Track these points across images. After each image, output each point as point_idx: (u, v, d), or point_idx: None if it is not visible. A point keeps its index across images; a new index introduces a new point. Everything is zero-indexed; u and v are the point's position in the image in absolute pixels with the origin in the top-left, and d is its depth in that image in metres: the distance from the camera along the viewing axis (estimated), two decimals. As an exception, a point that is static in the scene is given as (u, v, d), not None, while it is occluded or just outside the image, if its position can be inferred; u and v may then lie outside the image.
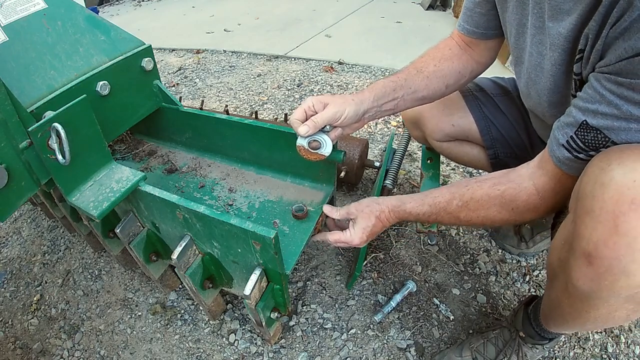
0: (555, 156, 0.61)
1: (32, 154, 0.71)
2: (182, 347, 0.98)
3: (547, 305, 0.72)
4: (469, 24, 0.82)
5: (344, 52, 2.55)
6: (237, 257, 0.77)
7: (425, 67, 0.83)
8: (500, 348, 0.83)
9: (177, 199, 0.72)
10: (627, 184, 0.46)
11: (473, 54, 0.85)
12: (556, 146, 0.61)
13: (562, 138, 0.59)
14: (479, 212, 0.71)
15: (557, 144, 0.60)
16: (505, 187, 0.68)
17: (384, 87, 0.79)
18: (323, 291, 1.07)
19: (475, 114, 0.95)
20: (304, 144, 0.76)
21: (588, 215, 0.50)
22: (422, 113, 1.01)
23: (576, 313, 0.60)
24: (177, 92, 2.33)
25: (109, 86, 0.90)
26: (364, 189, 1.40)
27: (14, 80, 0.74)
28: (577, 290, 0.54)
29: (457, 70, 0.85)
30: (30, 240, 1.33)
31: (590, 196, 0.50)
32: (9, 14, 0.78)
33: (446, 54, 0.85)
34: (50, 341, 1.03)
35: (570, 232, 0.54)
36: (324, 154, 0.77)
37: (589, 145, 0.55)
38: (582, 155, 0.57)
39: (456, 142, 1.01)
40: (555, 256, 0.61)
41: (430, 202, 0.76)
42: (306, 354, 0.94)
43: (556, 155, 0.61)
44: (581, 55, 0.55)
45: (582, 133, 0.56)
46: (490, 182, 0.70)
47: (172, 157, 1.17)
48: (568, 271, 0.54)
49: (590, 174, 0.51)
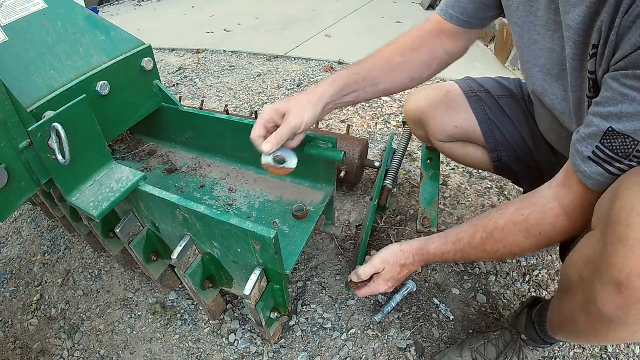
0: (580, 171, 0.57)
1: (32, 154, 0.71)
2: (182, 347, 0.98)
3: (558, 317, 0.69)
4: (455, 10, 0.77)
5: (344, 52, 2.55)
6: (237, 257, 0.77)
7: (392, 58, 0.80)
8: (501, 350, 0.83)
9: (177, 199, 0.72)
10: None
11: (446, 43, 0.82)
12: (581, 160, 0.57)
13: (587, 150, 0.55)
14: (506, 241, 0.67)
15: (582, 158, 0.56)
16: (530, 211, 0.65)
17: (346, 79, 0.77)
18: (323, 291, 1.07)
19: (479, 116, 0.93)
20: (269, 162, 0.76)
21: (622, 243, 0.48)
22: (425, 113, 0.99)
23: (594, 333, 0.58)
24: (177, 92, 2.33)
25: (109, 86, 0.90)
26: (364, 189, 1.40)
27: (14, 80, 0.74)
28: (601, 314, 0.52)
29: (424, 61, 0.82)
30: (30, 240, 1.33)
31: (625, 224, 0.47)
32: (9, 14, 0.78)
33: (416, 43, 0.82)
34: (50, 341, 1.03)
35: (597, 254, 0.52)
36: (292, 167, 0.77)
37: (618, 153, 0.52)
38: (613, 169, 0.53)
39: (459, 143, 1.00)
40: (575, 272, 0.58)
41: (454, 240, 0.74)
42: (306, 354, 0.94)
43: (582, 170, 0.57)
44: (595, 51, 0.52)
45: (609, 141, 0.52)
46: (512, 208, 0.67)
47: (172, 157, 1.17)
48: (592, 293, 0.52)
49: (626, 199, 0.48)
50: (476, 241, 0.71)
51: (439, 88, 0.98)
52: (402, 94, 2.02)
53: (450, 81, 0.99)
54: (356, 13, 3.52)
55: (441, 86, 0.98)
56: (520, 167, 0.94)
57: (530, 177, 0.95)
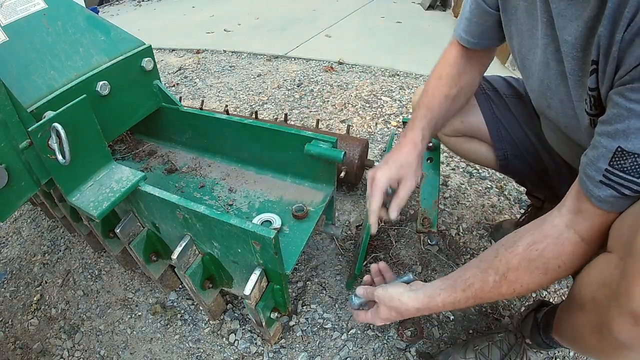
0: (594, 196, 0.55)
1: (32, 154, 0.71)
2: (182, 347, 0.98)
3: (567, 330, 0.67)
4: (470, 35, 0.79)
5: (344, 52, 2.55)
6: (237, 257, 0.77)
7: (449, 91, 0.83)
8: (505, 352, 0.83)
9: (177, 199, 0.72)
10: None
11: (475, 63, 0.85)
12: (592, 185, 0.55)
13: (597, 175, 0.53)
14: (522, 281, 0.63)
15: (593, 182, 0.54)
16: (544, 244, 0.61)
17: (429, 128, 0.81)
18: (323, 291, 1.07)
19: (486, 113, 0.94)
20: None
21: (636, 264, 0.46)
22: None
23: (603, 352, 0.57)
24: (177, 92, 2.33)
25: (109, 86, 0.90)
26: (363, 189, 1.40)
27: (14, 80, 0.74)
28: (615, 340, 0.50)
29: (473, 77, 0.86)
30: (30, 240, 1.33)
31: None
32: (9, 14, 0.78)
33: (459, 67, 0.84)
34: (50, 341, 1.03)
35: (614, 280, 0.50)
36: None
37: (630, 173, 0.50)
38: (627, 191, 0.51)
39: (465, 138, 1.00)
40: (588, 292, 0.56)
41: (463, 287, 0.69)
42: (306, 354, 0.94)
43: (595, 195, 0.54)
44: (595, 67, 0.51)
45: (619, 162, 0.50)
46: (523, 243, 0.63)
47: (172, 157, 1.17)
48: (607, 319, 0.51)
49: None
50: (489, 286, 0.66)
51: None
52: (402, 93, 2.02)
53: None
54: (356, 13, 3.52)
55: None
56: (525, 166, 0.94)
57: (535, 177, 0.95)
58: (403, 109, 1.88)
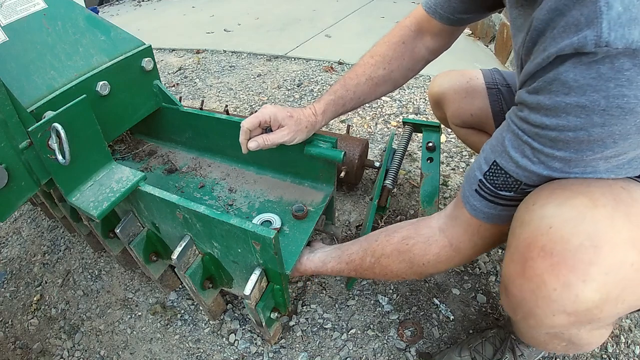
0: (469, 204, 0.56)
1: (32, 154, 0.71)
2: (182, 347, 0.98)
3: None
4: (445, 10, 0.74)
5: (344, 52, 2.55)
6: (237, 257, 0.77)
7: (375, 72, 0.81)
8: (497, 347, 0.83)
9: (177, 199, 0.72)
10: (542, 229, 0.45)
11: (429, 41, 0.81)
12: (469, 192, 0.56)
13: (473, 183, 0.54)
14: (391, 268, 0.68)
15: (470, 190, 0.55)
16: (414, 241, 0.65)
17: (335, 106, 0.81)
18: (323, 291, 1.07)
19: (495, 108, 0.93)
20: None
21: (508, 250, 0.50)
22: (446, 96, 1.01)
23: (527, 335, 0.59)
24: (177, 92, 2.33)
25: (109, 86, 0.90)
26: (364, 189, 1.40)
27: (14, 80, 0.74)
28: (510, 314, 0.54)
29: (407, 67, 0.83)
30: (30, 240, 1.33)
31: (511, 232, 0.50)
32: (9, 14, 0.78)
33: (397, 51, 0.81)
34: (50, 341, 1.03)
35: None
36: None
37: (501, 188, 0.51)
38: (501, 201, 0.52)
39: (475, 130, 1.01)
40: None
41: (347, 260, 0.77)
42: (306, 354, 0.94)
43: (470, 202, 0.56)
44: None
45: (492, 177, 0.52)
46: (399, 235, 0.68)
47: (172, 157, 1.17)
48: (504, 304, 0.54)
49: (519, 210, 0.50)
50: (366, 264, 0.73)
51: (463, 74, 0.99)
52: (402, 93, 2.02)
53: (476, 69, 0.99)
54: (356, 13, 3.52)
55: (466, 72, 0.99)
56: None
57: None
58: (403, 109, 1.88)
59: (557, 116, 0.42)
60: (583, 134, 0.41)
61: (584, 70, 0.38)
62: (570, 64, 0.39)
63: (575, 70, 0.39)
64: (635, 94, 0.37)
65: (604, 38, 0.36)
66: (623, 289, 0.43)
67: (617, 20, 0.35)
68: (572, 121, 0.41)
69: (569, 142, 0.43)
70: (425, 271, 0.66)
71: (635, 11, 0.35)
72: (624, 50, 0.35)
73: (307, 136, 0.81)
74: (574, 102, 0.40)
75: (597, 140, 0.41)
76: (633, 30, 0.35)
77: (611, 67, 0.37)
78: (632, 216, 0.43)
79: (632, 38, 0.35)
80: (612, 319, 0.51)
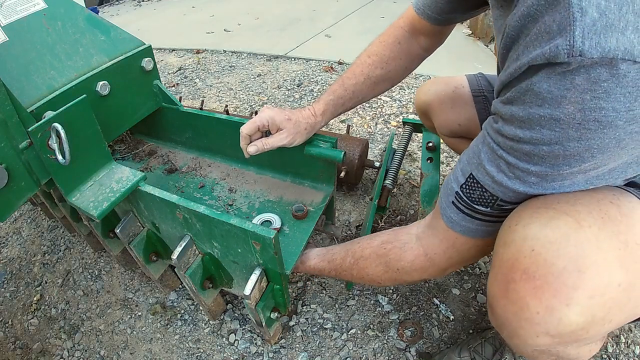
0: (446, 215, 0.55)
1: (32, 154, 0.71)
2: (182, 347, 0.98)
3: None
4: (432, 10, 0.74)
5: (344, 52, 2.55)
6: (237, 257, 0.77)
7: (373, 72, 0.81)
8: (497, 347, 0.83)
9: (177, 199, 0.72)
10: (525, 251, 0.43)
11: (423, 41, 0.81)
12: (446, 204, 0.54)
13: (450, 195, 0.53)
14: (368, 271, 0.69)
15: (447, 202, 0.54)
16: (392, 246, 0.65)
17: (334, 106, 0.81)
18: (323, 291, 1.07)
19: (482, 117, 0.92)
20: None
21: (492, 269, 0.49)
22: (432, 107, 0.99)
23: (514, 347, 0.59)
24: (177, 92, 2.33)
25: (109, 86, 0.90)
26: (364, 189, 1.40)
27: (14, 80, 0.74)
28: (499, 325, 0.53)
29: (404, 66, 0.83)
30: (30, 240, 1.33)
31: (495, 251, 0.49)
32: (9, 14, 0.78)
33: (394, 50, 0.81)
34: (50, 341, 1.03)
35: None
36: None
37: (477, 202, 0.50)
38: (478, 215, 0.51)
39: (462, 139, 1.00)
40: None
41: (329, 259, 0.78)
42: (306, 354, 0.94)
43: (447, 214, 0.55)
44: None
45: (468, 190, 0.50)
46: (379, 239, 0.69)
47: (172, 157, 1.17)
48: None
49: (502, 228, 0.49)
50: (346, 265, 0.73)
51: (448, 83, 0.98)
52: (402, 93, 2.02)
53: (462, 75, 0.98)
54: (356, 13, 3.52)
55: (451, 81, 0.98)
56: None
57: None
58: (403, 109, 1.88)
59: (531, 129, 0.40)
60: (558, 148, 0.39)
61: (558, 80, 0.36)
62: (544, 73, 0.37)
63: (549, 80, 0.37)
64: (614, 106, 0.34)
65: (577, 47, 0.33)
66: (609, 309, 0.42)
67: (591, 27, 0.33)
68: (547, 134, 0.39)
69: (544, 156, 0.41)
70: (399, 277, 0.66)
71: (612, 17, 0.32)
72: (600, 60, 0.33)
73: (307, 138, 0.81)
74: (547, 114, 0.38)
75: (574, 155, 0.39)
76: (609, 38, 0.32)
77: (587, 78, 0.34)
78: (620, 234, 0.42)
79: (608, 47, 0.32)
80: (601, 335, 0.51)
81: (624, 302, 0.42)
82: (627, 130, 0.36)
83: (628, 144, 0.38)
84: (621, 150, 0.38)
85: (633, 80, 0.33)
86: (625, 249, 0.41)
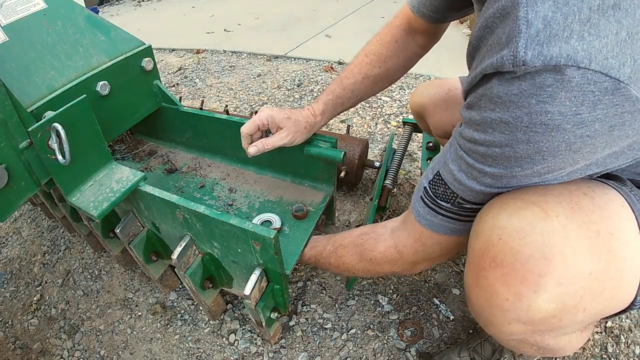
0: (415, 209, 0.58)
1: (32, 154, 0.71)
2: (182, 347, 0.98)
3: None
4: (427, 8, 0.75)
5: (344, 52, 2.55)
6: (237, 257, 0.77)
7: (371, 71, 0.82)
8: (496, 347, 0.84)
9: (177, 199, 0.72)
10: (493, 240, 0.45)
11: (420, 39, 0.81)
12: (416, 198, 0.57)
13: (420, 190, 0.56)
14: (344, 259, 0.71)
15: (417, 196, 0.57)
16: (368, 237, 0.68)
17: (333, 105, 0.82)
18: (323, 291, 1.07)
19: None
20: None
21: (467, 260, 0.51)
22: (426, 109, 1.00)
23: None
24: (177, 92, 2.33)
25: (109, 86, 0.90)
26: (364, 189, 1.40)
27: (14, 80, 0.74)
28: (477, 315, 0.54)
29: (402, 65, 0.84)
30: (30, 240, 1.33)
31: (469, 243, 0.51)
32: (9, 14, 0.78)
33: (392, 49, 0.81)
34: (50, 341, 1.03)
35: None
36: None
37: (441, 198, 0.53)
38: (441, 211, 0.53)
39: None
40: None
41: (312, 245, 0.81)
42: (306, 354, 0.94)
43: (416, 208, 0.58)
44: None
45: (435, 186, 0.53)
46: (359, 231, 0.71)
47: (172, 157, 1.17)
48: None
49: (475, 221, 0.51)
50: (326, 253, 0.76)
51: (442, 85, 0.99)
52: (402, 93, 2.02)
53: (456, 77, 0.99)
54: (356, 13, 3.52)
55: (444, 83, 0.99)
56: None
57: None
58: (403, 109, 1.88)
59: (485, 131, 0.42)
60: (509, 150, 0.41)
61: (507, 86, 0.38)
62: (496, 79, 0.39)
63: (500, 86, 0.39)
64: (560, 110, 0.36)
65: (519, 57, 0.35)
66: (581, 298, 0.42)
67: (534, 37, 0.34)
68: (498, 137, 0.41)
69: (497, 158, 0.42)
70: (371, 268, 0.68)
71: (556, 27, 0.34)
72: (544, 67, 0.34)
73: (307, 137, 0.81)
74: (498, 118, 0.40)
75: (525, 157, 0.41)
76: (552, 47, 0.34)
77: (532, 84, 0.36)
78: (591, 224, 0.42)
79: (550, 55, 0.34)
80: (579, 325, 0.51)
81: (597, 291, 0.43)
82: (576, 134, 0.37)
83: (581, 148, 0.38)
84: (575, 154, 0.39)
85: (578, 84, 0.34)
86: (597, 238, 0.42)
